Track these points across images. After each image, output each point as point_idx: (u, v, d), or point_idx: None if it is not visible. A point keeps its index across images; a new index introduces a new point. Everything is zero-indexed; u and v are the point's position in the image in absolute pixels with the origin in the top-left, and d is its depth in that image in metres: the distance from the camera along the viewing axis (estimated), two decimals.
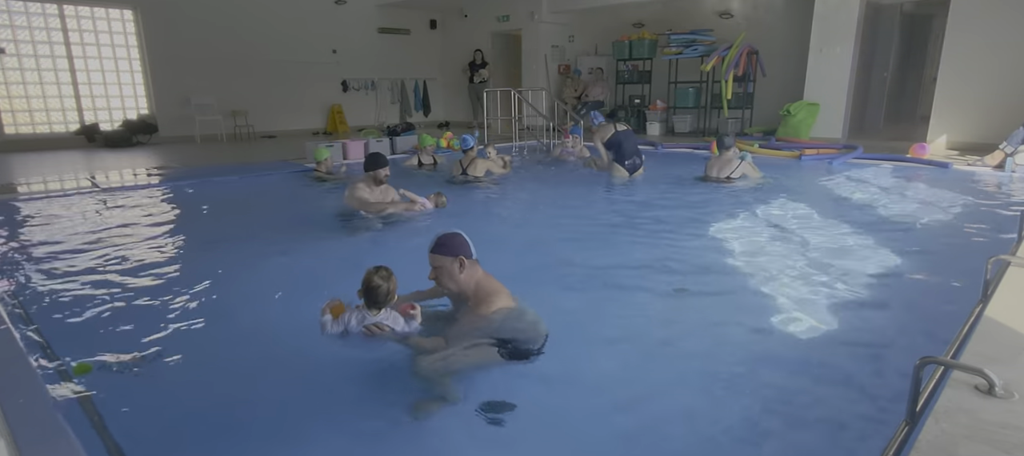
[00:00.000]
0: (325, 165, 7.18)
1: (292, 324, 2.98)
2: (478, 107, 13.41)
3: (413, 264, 2.71)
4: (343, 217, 4.95)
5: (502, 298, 2.40)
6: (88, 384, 2.30)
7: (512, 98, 10.55)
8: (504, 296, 2.42)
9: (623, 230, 4.80)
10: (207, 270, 3.79)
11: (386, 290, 2.49)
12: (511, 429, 2.03)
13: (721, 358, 2.53)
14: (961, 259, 3.84)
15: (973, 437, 1.58)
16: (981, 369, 1.81)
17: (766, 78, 11.41)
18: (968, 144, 8.60)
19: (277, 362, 2.58)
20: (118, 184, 6.82)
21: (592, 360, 2.54)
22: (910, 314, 3.04)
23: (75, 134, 10.61)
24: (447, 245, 2.39)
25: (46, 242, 4.43)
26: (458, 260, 2.36)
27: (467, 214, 5.39)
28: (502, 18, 14.09)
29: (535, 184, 7.18)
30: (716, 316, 2.99)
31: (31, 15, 10.09)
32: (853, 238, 4.31)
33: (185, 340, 2.77)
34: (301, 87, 13.28)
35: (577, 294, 3.32)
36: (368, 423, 2.09)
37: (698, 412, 2.14)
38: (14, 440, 1.64)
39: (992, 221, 4.75)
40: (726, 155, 6.54)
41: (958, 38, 8.67)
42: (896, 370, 2.28)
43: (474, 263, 2.43)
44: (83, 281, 3.54)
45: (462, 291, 2.43)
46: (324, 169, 7.17)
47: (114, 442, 1.93)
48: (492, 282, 2.46)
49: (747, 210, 5.23)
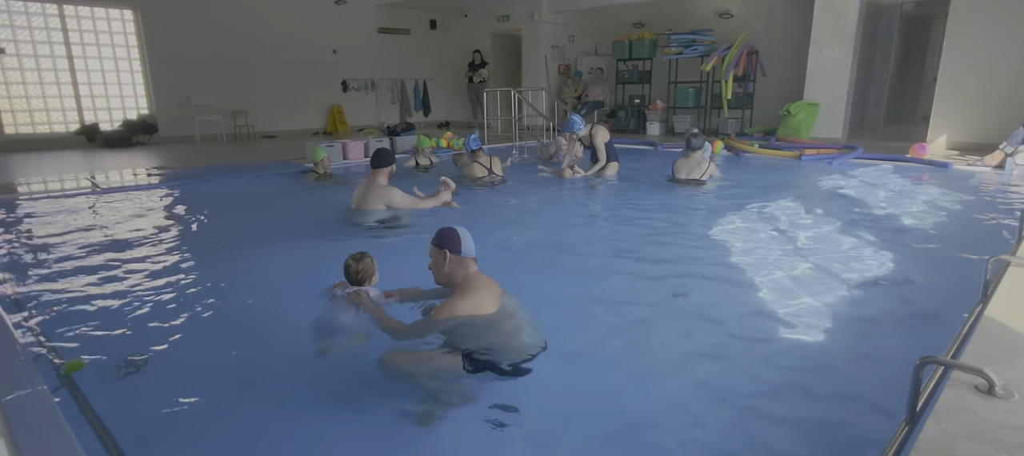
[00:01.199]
0: (323, 165, 7.17)
1: (292, 324, 2.98)
2: (478, 107, 13.42)
3: (410, 259, 2.71)
4: (344, 217, 4.94)
5: (476, 300, 2.24)
6: (88, 384, 2.30)
7: (512, 98, 10.55)
8: (483, 299, 2.25)
9: (623, 232, 4.80)
10: (207, 270, 3.80)
11: (355, 270, 2.77)
12: (510, 431, 2.03)
13: (721, 358, 2.53)
14: (961, 259, 3.84)
15: (973, 437, 1.58)
16: (981, 369, 1.81)
17: (766, 78, 11.41)
18: (968, 144, 8.60)
19: (277, 362, 2.58)
20: (118, 184, 6.82)
21: (592, 360, 2.54)
22: (910, 314, 3.04)
23: (75, 134, 10.61)
24: (438, 236, 2.39)
25: (46, 242, 4.43)
26: (442, 253, 2.35)
27: (467, 215, 5.38)
28: (502, 18, 14.09)
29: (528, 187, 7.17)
30: (715, 317, 2.99)
31: (31, 15, 10.09)
32: (853, 238, 4.31)
33: (185, 340, 2.77)
34: (301, 87, 13.28)
35: (576, 292, 3.32)
36: (367, 424, 2.09)
37: (697, 412, 2.13)
38: (14, 440, 1.64)
39: (992, 221, 4.75)
40: (694, 156, 6.33)
41: (958, 38, 8.67)
42: (896, 370, 2.27)
43: (463, 260, 2.36)
44: (83, 281, 3.54)
45: (448, 285, 2.42)
46: (322, 169, 7.17)
47: (114, 442, 1.93)
48: (478, 281, 2.33)
49: (746, 210, 5.23)
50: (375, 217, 4.78)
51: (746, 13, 11.89)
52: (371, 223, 4.72)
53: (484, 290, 2.29)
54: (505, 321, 2.29)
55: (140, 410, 2.19)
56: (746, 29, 11.54)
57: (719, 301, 3.19)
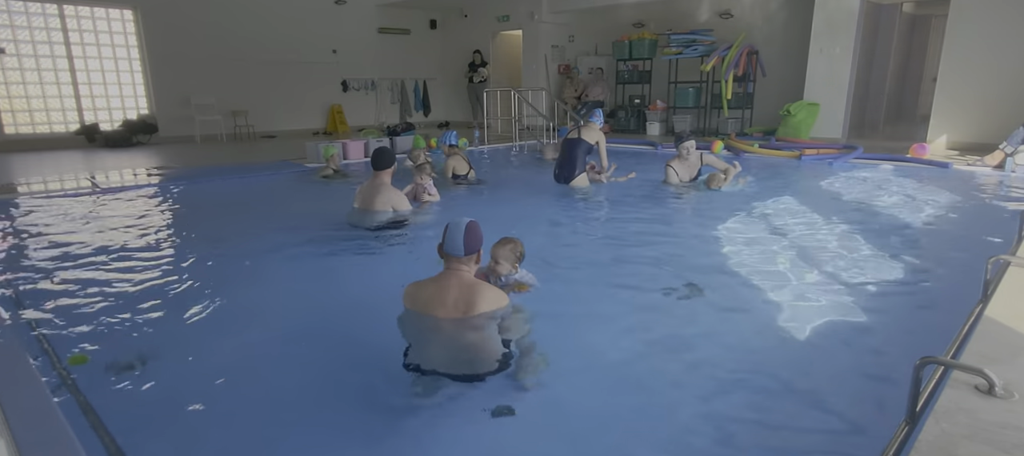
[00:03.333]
0: (333, 161, 7.23)
1: (292, 323, 2.98)
2: (478, 107, 13.42)
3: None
4: (348, 218, 4.90)
5: (411, 291, 2.50)
6: (88, 384, 2.30)
7: (512, 98, 10.55)
8: (412, 293, 2.48)
9: (621, 233, 4.80)
10: (208, 270, 3.80)
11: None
12: (508, 432, 2.03)
13: (721, 358, 2.53)
14: (961, 259, 3.84)
15: (973, 437, 1.58)
16: (981, 369, 1.81)
17: (766, 78, 11.42)
18: (968, 144, 8.60)
19: (278, 361, 2.58)
20: (118, 184, 6.82)
21: (592, 360, 2.54)
22: (910, 314, 3.05)
23: (75, 134, 10.61)
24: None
25: (46, 242, 4.43)
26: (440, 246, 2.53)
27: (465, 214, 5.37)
28: (502, 18, 14.10)
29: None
30: (715, 317, 2.99)
31: (31, 15, 10.09)
32: (853, 238, 4.31)
33: (186, 340, 2.77)
34: (301, 87, 13.28)
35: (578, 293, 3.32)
36: (369, 424, 2.09)
37: (695, 412, 2.13)
38: (14, 440, 1.64)
39: (992, 221, 4.75)
40: (691, 158, 6.20)
41: (958, 38, 8.68)
42: (896, 370, 2.27)
43: (447, 257, 2.47)
44: (83, 281, 3.54)
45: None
46: (333, 166, 7.20)
47: (114, 442, 1.93)
48: (436, 277, 2.51)
49: (746, 211, 5.23)
50: (380, 219, 4.71)
51: (746, 13, 11.89)
52: (378, 224, 4.66)
53: (425, 288, 2.45)
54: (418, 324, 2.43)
55: (140, 410, 2.19)
56: (746, 29, 11.54)
57: (717, 301, 3.19)
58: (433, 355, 2.32)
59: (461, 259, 2.43)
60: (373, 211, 4.73)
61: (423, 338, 2.39)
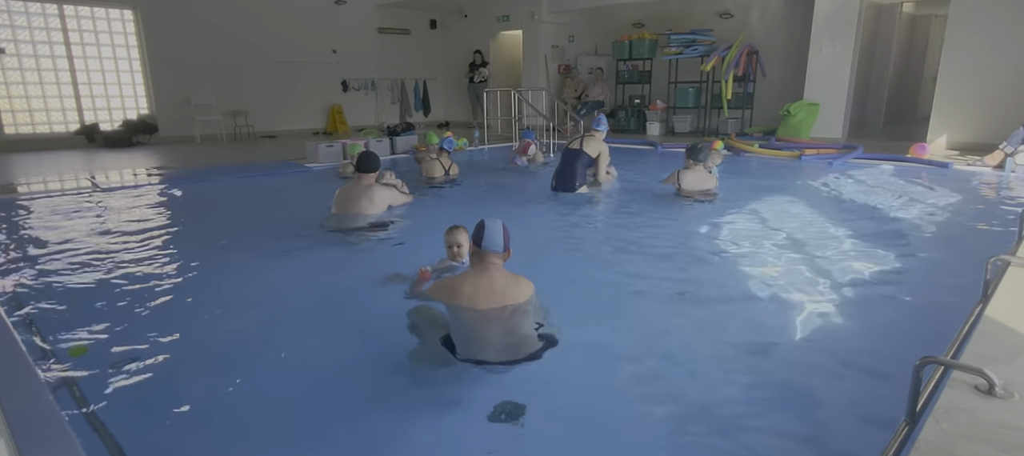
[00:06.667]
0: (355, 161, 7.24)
1: (293, 323, 2.98)
2: (478, 107, 13.42)
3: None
4: (326, 223, 4.88)
5: (450, 288, 2.66)
6: (88, 384, 2.30)
7: (512, 98, 10.55)
8: (458, 288, 2.61)
9: (620, 234, 4.80)
10: (208, 269, 3.79)
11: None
12: (509, 432, 2.03)
13: (720, 358, 2.53)
14: (961, 259, 3.84)
15: (973, 437, 1.58)
16: (981, 369, 1.81)
17: (766, 78, 11.41)
18: (968, 144, 8.59)
19: (278, 361, 2.58)
20: (118, 184, 6.82)
21: (592, 360, 2.54)
22: (910, 314, 3.05)
23: (75, 134, 10.61)
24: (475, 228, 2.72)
25: (46, 242, 4.43)
26: (470, 242, 2.75)
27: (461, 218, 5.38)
28: (502, 18, 14.09)
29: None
30: (715, 317, 2.99)
31: (31, 15, 10.09)
32: (853, 238, 4.32)
33: (186, 339, 2.77)
34: (301, 87, 13.28)
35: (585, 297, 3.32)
36: (370, 424, 2.09)
37: (696, 413, 2.13)
38: (14, 440, 1.64)
39: (992, 221, 4.75)
40: (698, 167, 5.84)
41: (958, 38, 8.67)
42: (896, 370, 2.27)
43: (479, 252, 2.65)
44: (83, 281, 3.54)
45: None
46: (352, 166, 7.16)
47: (114, 442, 1.93)
48: (473, 275, 2.65)
49: (745, 211, 5.23)
50: (371, 219, 4.76)
51: (746, 13, 11.89)
52: (360, 226, 4.68)
53: (466, 282, 2.60)
54: (470, 319, 2.53)
55: (140, 410, 2.19)
56: (746, 29, 11.54)
57: (717, 302, 3.19)
58: (491, 344, 2.45)
59: (499, 254, 2.62)
60: (368, 215, 4.79)
61: (476, 329, 2.53)
